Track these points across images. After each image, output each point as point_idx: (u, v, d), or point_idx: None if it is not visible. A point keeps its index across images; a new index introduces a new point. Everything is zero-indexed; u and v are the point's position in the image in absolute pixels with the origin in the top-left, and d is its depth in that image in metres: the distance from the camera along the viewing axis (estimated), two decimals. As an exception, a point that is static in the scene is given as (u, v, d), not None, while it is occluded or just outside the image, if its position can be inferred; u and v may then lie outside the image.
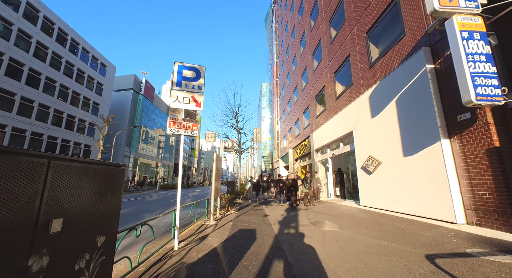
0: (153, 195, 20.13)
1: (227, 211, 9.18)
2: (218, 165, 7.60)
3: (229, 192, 11.63)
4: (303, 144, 16.85)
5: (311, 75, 15.26)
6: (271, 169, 55.01)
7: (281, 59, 28.73)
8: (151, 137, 51.45)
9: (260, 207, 10.68)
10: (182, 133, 4.15)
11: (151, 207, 11.52)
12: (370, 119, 7.52)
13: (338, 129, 10.29)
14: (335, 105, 10.96)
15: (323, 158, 12.93)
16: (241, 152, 18.73)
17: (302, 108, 17.53)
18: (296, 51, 19.85)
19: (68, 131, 26.62)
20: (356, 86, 8.85)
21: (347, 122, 9.35)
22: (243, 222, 6.60)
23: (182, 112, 4.17)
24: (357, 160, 8.37)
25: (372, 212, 6.94)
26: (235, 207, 10.92)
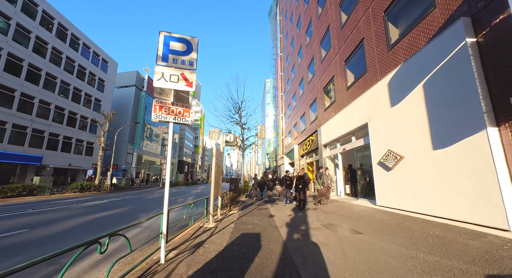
0: (155, 193, 19.61)
1: (229, 210, 8.47)
2: (219, 160, 6.87)
3: (231, 190, 10.92)
4: (309, 139, 16.00)
5: (318, 66, 14.33)
6: (275, 166, 54.26)
7: (286, 52, 27.73)
8: (155, 135, 51.19)
9: (264, 206, 9.94)
10: (170, 121, 3.40)
11: (150, 205, 10.91)
12: (389, 109, 6.65)
13: (349, 122, 9.43)
14: (346, 96, 10.07)
15: (332, 154, 12.09)
16: (245, 148, 18.00)
17: (308, 102, 16.64)
18: (302, 42, 18.87)
19: (70, 128, 26.28)
20: (371, 73, 7.96)
21: (360, 114, 8.48)
22: (246, 224, 5.87)
23: (171, 95, 3.41)
24: (372, 154, 7.53)
25: (392, 214, 6.11)
26: (237, 206, 10.22)
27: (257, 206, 9.95)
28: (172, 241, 4.29)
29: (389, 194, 6.69)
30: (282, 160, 28.85)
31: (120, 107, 39.93)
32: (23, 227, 6.11)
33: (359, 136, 9.10)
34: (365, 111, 8.12)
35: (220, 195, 8.13)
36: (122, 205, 10.95)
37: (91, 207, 10.08)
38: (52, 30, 24.38)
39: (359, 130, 9.06)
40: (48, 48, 23.76)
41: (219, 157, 7.04)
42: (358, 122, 8.64)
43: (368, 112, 7.86)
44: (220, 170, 7.34)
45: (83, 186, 19.30)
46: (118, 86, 41.83)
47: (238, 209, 8.97)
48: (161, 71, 3.12)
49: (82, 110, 28.11)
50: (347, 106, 9.80)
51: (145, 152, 45.70)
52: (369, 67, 8.10)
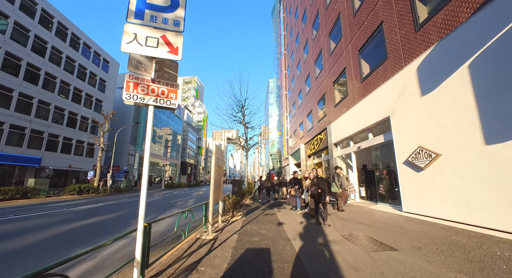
0: (155, 195, 18.80)
1: (232, 216, 7.54)
2: (219, 160, 5.95)
3: (234, 193, 9.99)
4: (317, 138, 15.00)
5: (327, 60, 13.36)
6: (279, 167, 53.17)
7: (290, 49, 26.81)
8: (159, 136, 50.69)
9: (271, 211, 8.99)
10: (150, 103, 2.50)
11: (146, 210, 10.03)
12: (419, 98, 5.66)
13: (366, 117, 8.43)
14: (360, 89, 9.08)
15: (343, 153, 11.08)
16: (248, 148, 17.09)
17: (316, 99, 15.65)
18: (308, 36, 17.93)
19: (70, 129, 25.74)
20: (393, 60, 6.97)
21: (379, 107, 7.48)
22: (252, 236, 4.93)
23: (151, 69, 2.51)
24: (396, 153, 6.52)
25: (427, 223, 5.09)
26: (241, 210, 9.28)
27: (262, 211, 9.00)
28: (158, 262, 3.37)
29: (420, 199, 5.67)
30: (287, 160, 27.83)
31: (122, 108, 39.46)
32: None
33: (378, 133, 8.09)
34: (386, 104, 7.12)
35: (222, 199, 7.22)
36: (116, 209, 10.11)
37: (82, 211, 9.26)
38: (52, 29, 23.92)
39: (378, 126, 8.06)
40: (48, 47, 23.28)
41: (220, 156, 6.12)
42: (377, 116, 7.64)
43: (390, 105, 6.86)
44: (222, 171, 6.42)
45: (81, 188, 18.59)
46: (120, 87, 41.47)
47: (242, 215, 8.03)
48: (134, 31, 2.23)
49: (82, 110, 27.59)
50: (362, 100, 8.81)
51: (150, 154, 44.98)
52: (391, 54, 7.11)
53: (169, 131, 56.22)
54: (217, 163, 5.59)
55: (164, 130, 54.63)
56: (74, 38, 26.83)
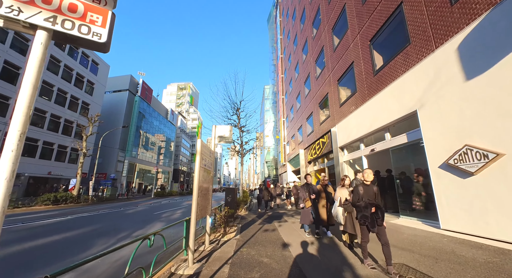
0: (140, 205, 17.01)
1: (224, 234, 6.06)
2: (207, 162, 4.56)
3: (227, 204, 8.52)
4: (319, 142, 13.75)
5: (330, 56, 12.32)
6: (275, 175, 51.67)
7: (288, 52, 26.01)
8: (152, 143, 48.77)
9: (270, 225, 7.54)
10: (38, 24, 1.12)
11: (122, 224, 8.43)
12: (463, 83, 4.47)
13: (381, 114, 7.23)
14: (373, 84, 7.93)
15: (351, 158, 9.81)
16: (244, 153, 15.71)
17: (317, 100, 14.53)
18: (308, 35, 17.04)
19: (51, 133, 23.86)
20: (418, 44, 5.84)
21: (401, 101, 6.29)
22: (250, 268, 3.49)
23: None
24: (428, 154, 5.26)
25: (492, 250, 3.73)
26: (235, 224, 7.80)
27: (261, 225, 7.54)
28: None
29: (469, 214, 4.36)
30: (285, 167, 26.45)
31: (111, 112, 37.74)
32: None
33: (397, 132, 6.87)
34: (410, 96, 5.93)
35: (211, 212, 5.77)
36: (87, 223, 8.46)
37: (41, 227, 7.59)
38: (35, 26, 22.46)
39: (398, 124, 6.84)
40: (29, 44, 21.75)
41: (208, 157, 4.73)
42: (397, 112, 6.43)
43: (417, 97, 5.66)
44: (210, 177, 5.01)
45: (57, 197, 16.66)
46: (110, 90, 39.86)
47: (236, 231, 6.56)
48: None
49: (67, 113, 25.80)
50: (375, 96, 7.64)
51: (139, 160, 43.06)
52: (415, 38, 5.98)
53: (162, 138, 54.38)
54: (203, 165, 4.20)
55: (157, 137, 52.77)
56: (60, 37, 25.35)
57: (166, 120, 56.14)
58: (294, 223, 7.74)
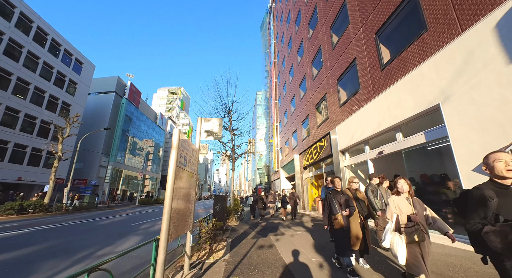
0: (119, 214, 15.37)
1: (209, 253, 4.89)
2: (187, 160, 3.48)
3: (215, 215, 7.35)
4: (316, 146, 12.88)
5: (328, 55, 11.65)
6: (267, 182, 50.42)
7: (281, 56, 25.51)
8: (139, 148, 46.59)
9: (265, 239, 6.42)
10: None
11: (88, 239, 7.03)
12: (505, 67, 3.67)
13: (392, 111, 6.41)
14: (380, 79, 7.17)
15: (354, 162, 8.93)
16: (235, 157, 14.60)
17: (313, 101, 13.77)
18: (303, 36, 16.48)
19: (24, 134, 21.84)
20: (438, 29, 5.11)
21: (419, 94, 5.49)
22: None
23: None
24: (457, 155, 4.41)
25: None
26: (224, 238, 6.62)
27: (254, 239, 6.40)
28: None
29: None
30: (278, 174, 25.41)
31: (96, 115, 35.76)
32: None
33: (411, 132, 6.04)
34: (431, 88, 5.13)
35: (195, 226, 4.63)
36: (43, 238, 7.01)
37: (-19, 245, 6.10)
38: (12, 19, 20.86)
39: (413, 122, 6.01)
40: (4, 38, 20.07)
41: (190, 154, 3.65)
42: (414, 108, 5.61)
43: (440, 88, 4.86)
44: (192, 181, 3.91)
45: (23, 206, 14.78)
46: (95, 92, 37.96)
47: (225, 248, 5.40)
48: None
49: (44, 114, 23.87)
50: (384, 92, 6.85)
51: (125, 166, 40.81)
52: (433, 23, 5.25)
53: (150, 143, 52.28)
54: (181, 164, 3.10)
55: (145, 141, 50.65)
56: (40, 33, 23.79)
57: (155, 125, 54.22)
58: (293, 237, 6.66)
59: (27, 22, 22.38)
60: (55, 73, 25.36)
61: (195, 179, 3.99)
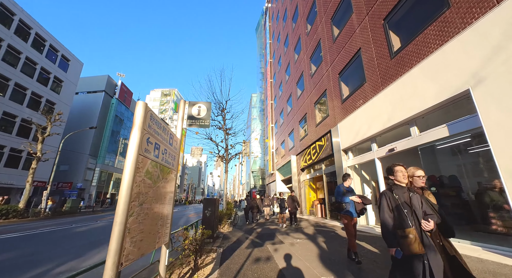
0: (101, 220, 14.13)
1: (194, 270, 3.94)
2: (160, 148, 2.56)
3: (205, 221, 6.40)
4: (315, 146, 12.10)
5: (328, 49, 10.98)
6: (261, 185, 49.45)
7: (277, 55, 24.90)
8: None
9: (262, 248, 5.51)
10: None
11: (54, 251, 5.95)
12: None
13: (406, 102, 5.68)
14: (390, 68, 6.46)
15: (358, 162, 8.16)
16: (229, 158, 13.67)
17: (312, 99, 13.05)
18: (301, 32, 15.86)
19: (1, 133, 20.31)
20: (466, 5, 4.41)
21: (442, 80, 4.76)
22: None
23: None
24: (495, 149, 3.65)
25: None
26: (215, 248, 5.67)
27: (249, 249, 5.47)
28: None
29: None
30: (273, 176, 24.54)
31: (84, 114, 34.21)
32: None
33: (430, 125, 5.29)
34: (457, 72, 4.40)
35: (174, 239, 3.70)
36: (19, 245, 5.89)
37: None
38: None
39: (431, 113, 5.27)
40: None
41: (164, 141, 2.73)
42: (435, 96, 4.86)
43: (470, 70, 4.13)
44: (171, 178, 2.99)
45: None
46: (84, 91, 36.43)
47: (215, 262, 4.47)
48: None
49: (25, 112, 22.39)
50: (395, 82, 6.13)
51: (115, 169, 39.14)
52: (457, 0, 4.56)
53: (141, 145, 50.63)
54: (144, 153, 2.19)
55: None
56: (23, 27, 22.46)
57: (146, 126, 52.61)
58: (294, 246, 5.78)
59: (8, 14, 21.06)
60: (38, 70, 23.98)
61: (174, 176, 3.08)
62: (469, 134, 4.37)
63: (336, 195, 4.21)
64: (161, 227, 2.65)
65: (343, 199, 4.06)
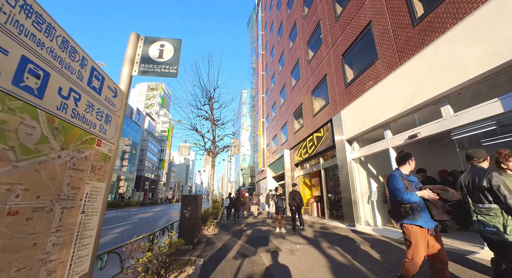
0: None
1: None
2: (82, 98, 1.16)
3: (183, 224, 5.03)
4: (312, 138, 10.96)
5: (330, 30, 9.83)
6: (251, 183, 48.28)
7: (270, 45, 23.62)
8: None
9: (254, 258, 4.21)
10: None
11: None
12: None
13: (439, 74, 4.56)
14: (412, 39, 5.36)
15: (366, 153, 7.06)
16: (216, 152, 12.28)
17: (309, 87, 11.90)
18: (297, 17, 14.66)
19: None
20: None
21: (497, 39, 3.64)
22: None
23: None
24: None
25: None
26: (194, 258, 4.31)
27: (238, 260, 4.15)
28: None
29: None
30: (264, 173, 23.35)
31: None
32: None
33: (468, 103, 4.21)
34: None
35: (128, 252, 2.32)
36: None
37: None
38: None
39: (473, 86, 4.17)
40: None
41: (76, 68, 1.31)
42: (484, 63, 3.75)
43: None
44: (98, 152, 1.59)
45: None
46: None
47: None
48: None
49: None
50: (423, 51, 5.01)
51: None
52: None
53: (128, 142, 47.93)
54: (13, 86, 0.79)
55: (123, 140, 46.23)
56: None
57: (130, 120, 49.85)
58: (294, 254, 4.54)
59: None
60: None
61: (108, 154, 1.70)
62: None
63: (392, 189, 2.44)
64: (61, 250, 1.28)
65: (406, 196, 2.30)
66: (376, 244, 4.92)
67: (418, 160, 6.13)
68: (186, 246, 5.35)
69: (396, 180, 2.43)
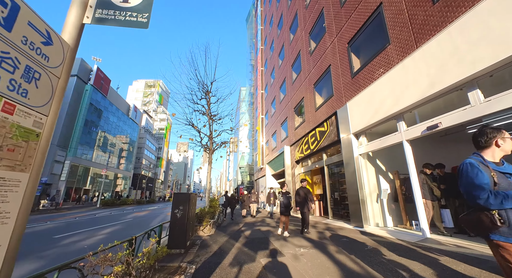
0: (52, 220, 11.67)
1: None
2: None
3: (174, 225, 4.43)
4: (315, 133, 10.37)
5: (334, 17, 9.20)
6: (249, 181, 47.72)
7: (270, 39, 22.93)
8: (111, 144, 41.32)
9: (254, 264, 3.59)
10: None
11: None
12: None
13: (467, 54, 3.97)
14: (433, 15, 4.76)
15: (374, 148, 6.47)
16: (213, 148, 11.67)
17: (311, 80, 11.28)
18: (298, 7, 14.00)
19: None
20: None
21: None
22: None
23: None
24: None
25: None
26: (184, 265, 3.70)
27: (235, 267, 3.51)
28: None
29: None
30: (263, 171, 22.78)
31: (51, 101, 30.48)
32: None
33: (500, 88, 3.62)
34: None
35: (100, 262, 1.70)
36: None
37: None
38: None
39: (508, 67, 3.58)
40: None
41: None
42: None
43: None
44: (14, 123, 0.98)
45: None
46: (53, 75, 32.52)
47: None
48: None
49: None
50: (447, 28, 4.40)
51: (92, 163, 35.80)
52: None
53: (122, 138, 47.09)
54: None
55: (119, 138, 45.40)
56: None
57: (127, 117, 48.99)
58: (298, 260, 3.96)
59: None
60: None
61: (42, 134, 1.09)
62: None
63: (468, 186, 1.61)
64: None
65: (498, 198, 1.48)
66: (392, 249, 4.35)
67: (431, 155, 5.55)
68: (178, 250, 4.75)
69: (475, 172, 1.58)
